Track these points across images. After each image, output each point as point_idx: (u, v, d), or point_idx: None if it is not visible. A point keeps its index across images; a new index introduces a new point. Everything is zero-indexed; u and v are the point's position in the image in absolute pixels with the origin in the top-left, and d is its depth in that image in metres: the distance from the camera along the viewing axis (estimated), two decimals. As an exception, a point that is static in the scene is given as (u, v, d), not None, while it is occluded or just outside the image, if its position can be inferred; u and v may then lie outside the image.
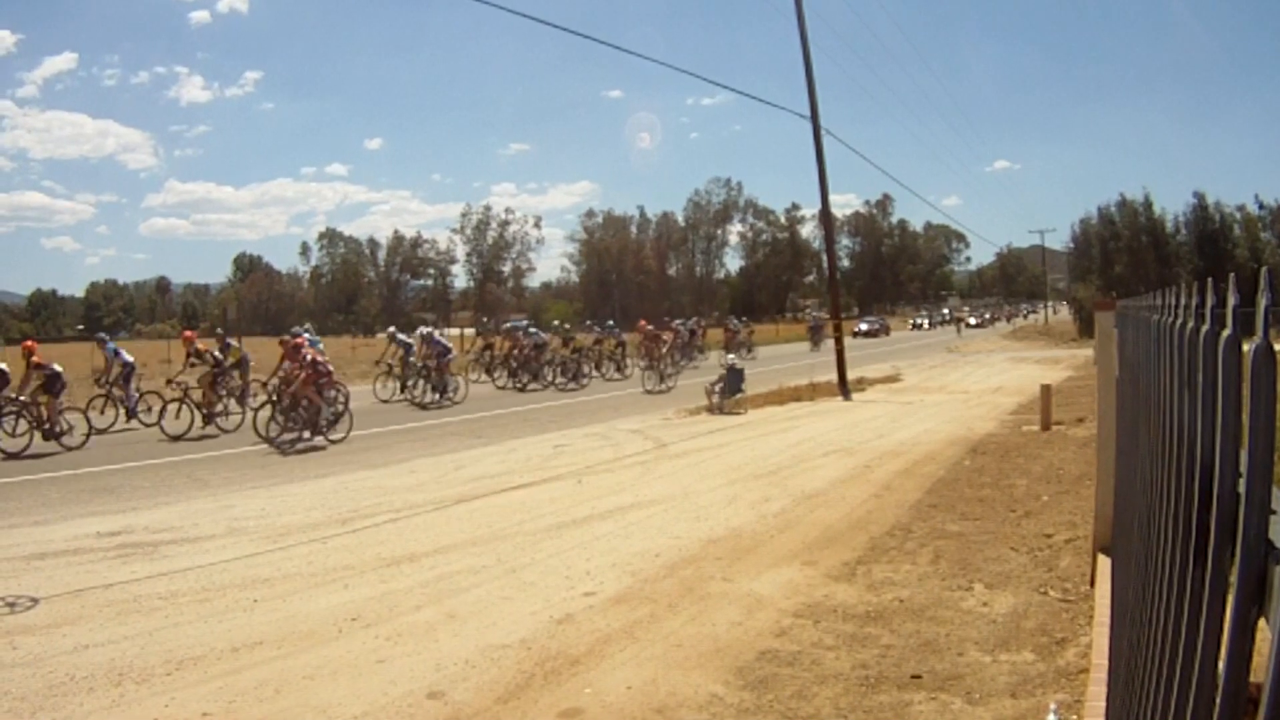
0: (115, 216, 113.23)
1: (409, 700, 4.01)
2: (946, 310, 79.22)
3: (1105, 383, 4.95)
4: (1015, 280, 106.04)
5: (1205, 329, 1.18)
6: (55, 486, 9.67)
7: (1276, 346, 0.90)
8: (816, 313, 49.75)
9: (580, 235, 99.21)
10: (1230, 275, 1.16)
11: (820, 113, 19.36)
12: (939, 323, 71.91)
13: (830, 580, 5.70)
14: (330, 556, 6.51)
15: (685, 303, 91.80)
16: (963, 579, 5.55)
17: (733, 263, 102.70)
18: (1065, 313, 61.81)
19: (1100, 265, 57.29)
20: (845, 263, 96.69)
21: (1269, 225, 58.18)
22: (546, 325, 31.00)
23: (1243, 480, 0.94)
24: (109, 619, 5.17)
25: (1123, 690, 2.20)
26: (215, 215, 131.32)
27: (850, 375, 18.81)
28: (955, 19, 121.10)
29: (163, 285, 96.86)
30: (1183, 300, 1.53)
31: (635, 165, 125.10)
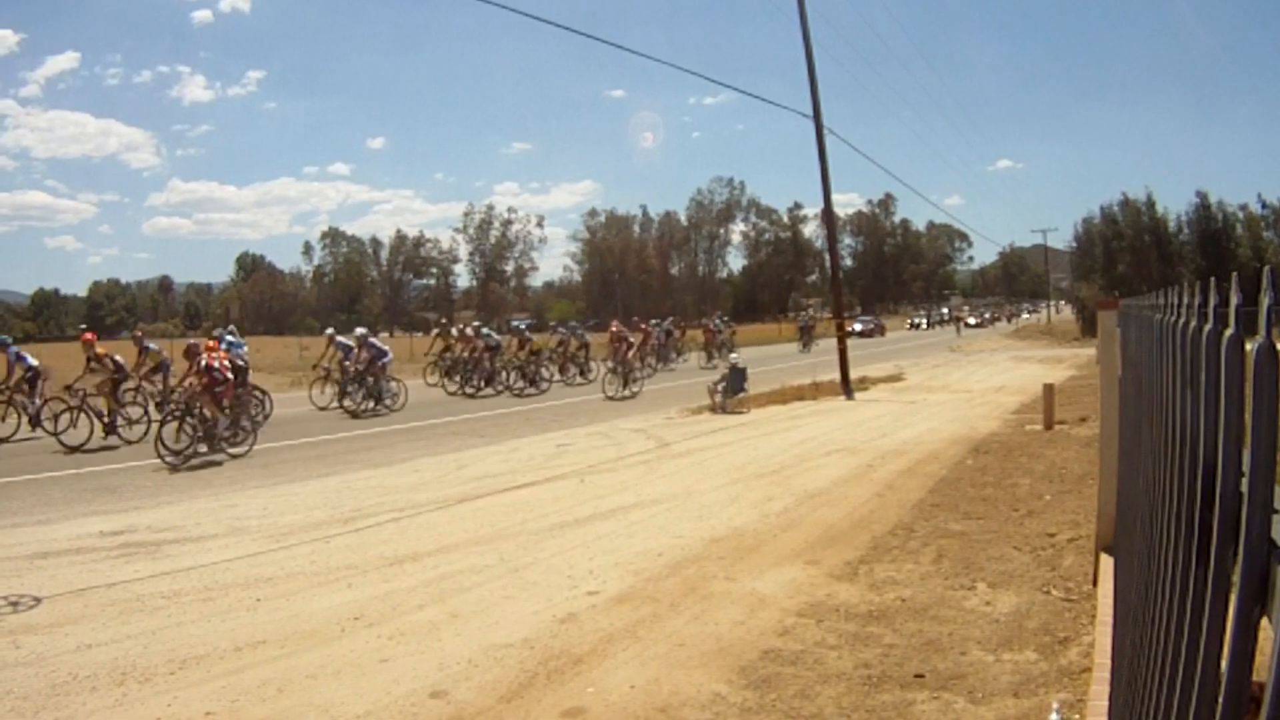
0: (118, 216, 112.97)
1: (412, 699, 4.01)
2: (946, 310, 77.95)
3: (1108, 382, 4.95)
4: (1018, 280, 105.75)
5: (1208, 328, 1.18)
6: (58, 486, 9.68)
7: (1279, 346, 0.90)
8: (807, 312, 47.76)
9: (583, 234, 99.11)
10: (1233, 274, 1.16)
11: (823, 112, 19.32)
12: (937, 322, 70.78)
13: (833, 579, 5.69)
14: (333, 556, 6.51)
15: (688, 302, 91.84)
16: (965, 578, 5.54)
17: (735, 262, 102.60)
18: (1068, 312, 61.58)
19: (1103, 264, 57.19)
20: (848, 262, 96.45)
21: (1272, 224, 58.07)
22: (547, 325, 30.10)
23: (1245, 479, 0.94)
24: (112, 618, 5.18)
25: (1125, 689, 2.20)
26: (218, 215, 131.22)
27: (853, 374, 18.80)
28: (958, 18, 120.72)
29: (165, 285, 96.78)
30: (1185, 299, 1.53)
31: (638, 164, 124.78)
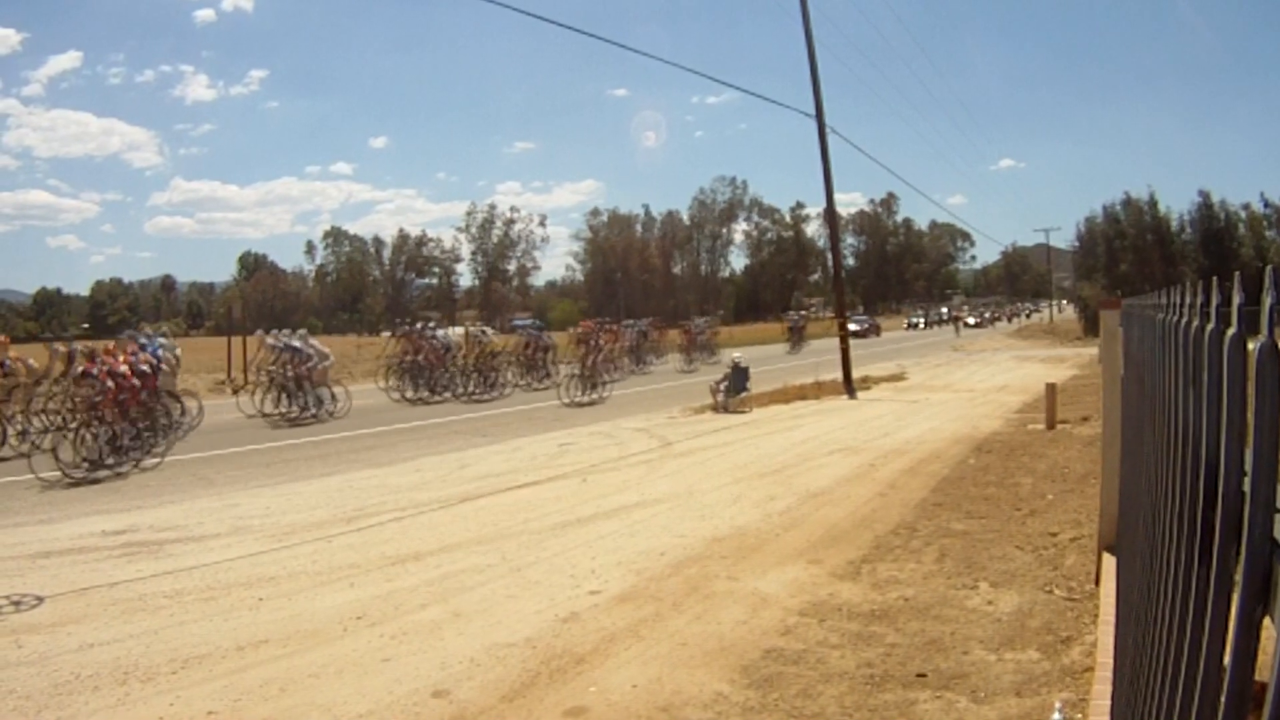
0: (120, 215, 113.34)
1: (414, 699, 4.01)
2: (945, 309, 76.45)
3: (1110, 381, 4.94)
4: (1020, 279, 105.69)
5: (1210, 327, 1.18)
6: (60, 485, 9.70)
7: None
8: (801, 311, 45.88)
9: (585, 234, 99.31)
10: (1235, 274, 1.15)
11: (825, 111, 19.33)
12: (935, 322, 69.29)
13: (835, 579, 5.69)
14: (335, 555, 6.52)
15: (690, 301, 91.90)
16: (968, 578, 5.54)
17: (738, 261, 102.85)
18: (1070, 311, 61.41)
19: (1105, 264, 57.11)
20: (850, 261, 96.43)
21: (1274, 224, 57.95)
22: (551, 324, 29.57)
23: (1248, 479, 0.94)
24: (114, 617, 5.19)
25: (1128, 689, 2.20)
26: (220, 214, 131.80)
27: (855, 374, 18.80)
28: (960, 18, 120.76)
29: (168, 284, 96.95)
30: (1188, 299, 1.53)
31: (640, 164, 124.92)
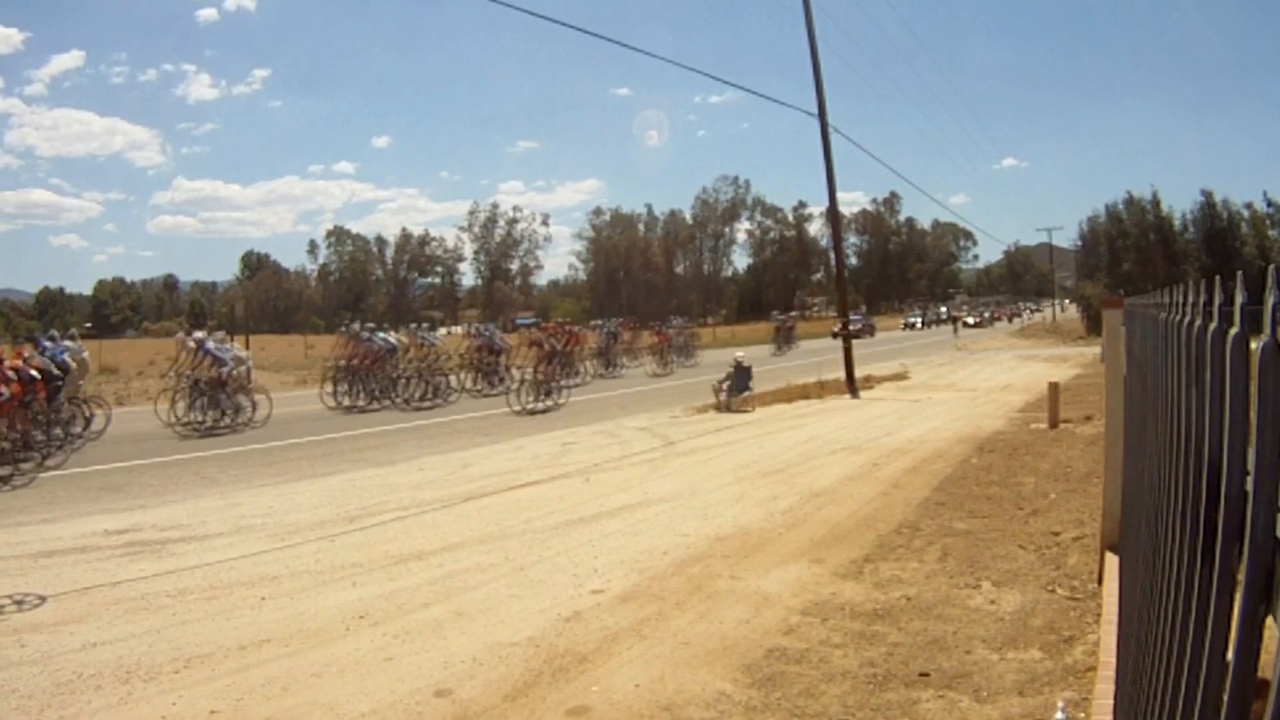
0: (123, 214, 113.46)
1: (417, 698, 4.02)
2: (944, 309, 74.35)
3: (1113, 381, 4.94)
4: (1023, 278, 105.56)
5: (1213, 327, 1.18)
6: (63, 484, 9.71)
7: None
8: (781, 313, 43.88)
9: (588, 233, 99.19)
10: (1238, 273, 1.15)
11: (828, 110, 19.32)
12: (933, 321, 67.43)
13: (838, 578, 5.69)
14: (338, 554, 6.52)
15: (693, 300, 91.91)
16: (970, 577, 5.53)
17: (740, 261, 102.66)
18: (1073, 311, 61.25)
19: (1108, 263, 57.19)
20: (853, 261, 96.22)
21: (1277, 223, 57.96)
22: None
23: (1250, 478, 0.94)
24: (117, 617, 5.19)
25: (1130, 688, 2.20)
26: (223, 213, 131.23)
27: (858, 373, 18.79)
28: (963, 17, 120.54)
29: (170, 283, 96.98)
30: (1190, 298, 1.53)
31: (643, 163, 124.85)
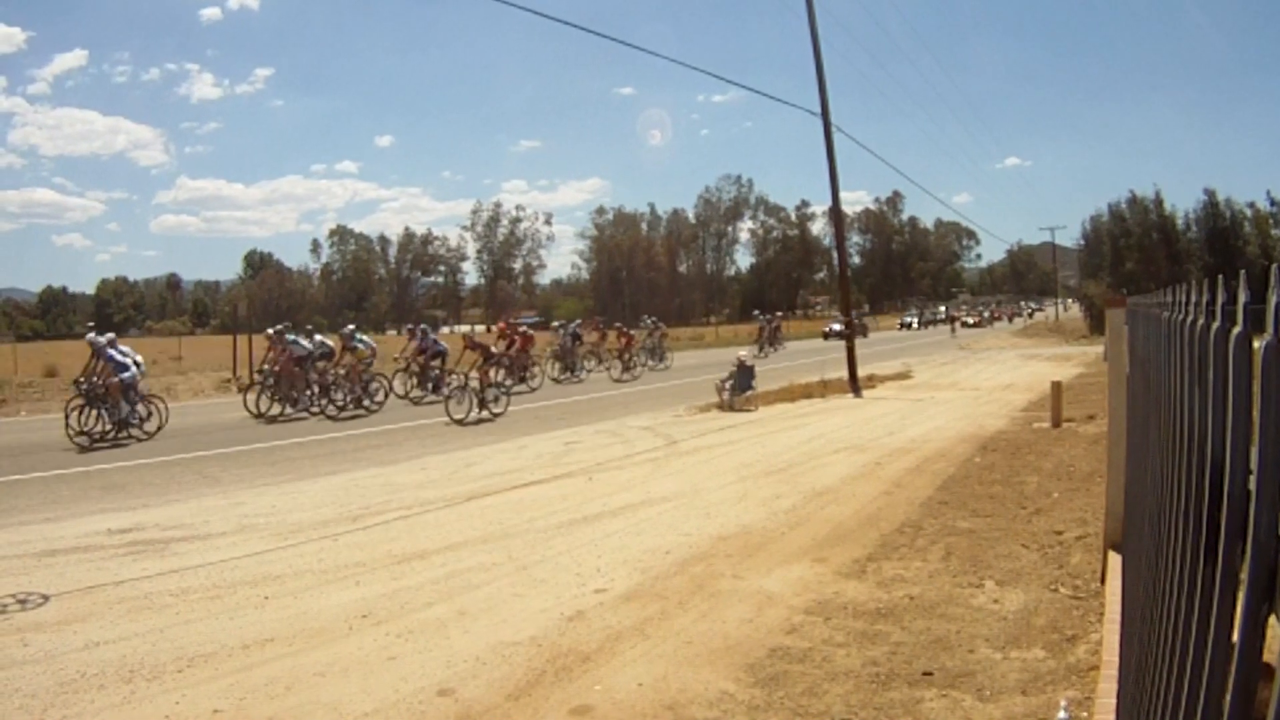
0: (126, 213, 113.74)
1: (419, 697, 4.02)
2: (943, 308, 72.73)
3: (1116, 380, 4.93)
4: (1026, 277, 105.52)
5: (1216, 326, 1.18)
6: (66, 483, 9.73)
7: None
8: (764, 315, 41.27)
9: (591, 232, 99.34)
10: (1241, 272, 1.15)
11: (831, 109, 19.33)
12: (930, 321, 65.63)
13: (841, 577, 5.69)
14: (341, 554, 6.53)
15: (696, 300, 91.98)
16: (973, 576, 5.53)
17: (743, 260, 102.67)
18: (1076, 310, 61.07)
19: (1111, 262, 57.10)
20: (856, 260, 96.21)
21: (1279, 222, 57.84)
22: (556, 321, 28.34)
23: (1253, 477, 0.94)
24: (120, 616, 5.20)
25: (1133, 687, 2.20)
26: (226, 212, 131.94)
27: (861, 372, 18.79)
28: (966, 16, 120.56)
29: (173, 282, 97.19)
30: (1193, 297, 1.53)
31: (646, 162, 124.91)
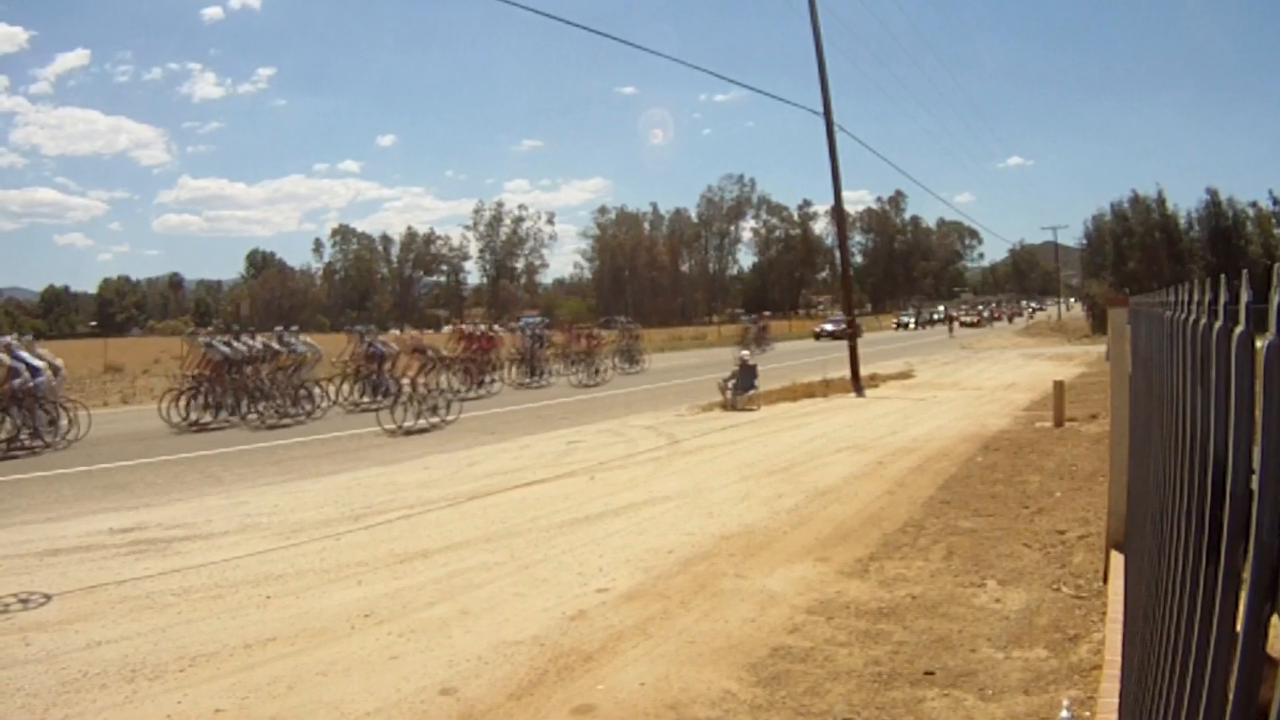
0: (128, 213, 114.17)
1: (421, 697, 4.02)
2: (942, 308, 72.24)
3: (1118, 379, 4.92)
4: (1028, 276, 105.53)
5: (1218, 325, 1.17)
6: (68, 483, 9.74)
7: None
8: (750, 315, 40.45)
9: (593, 231, 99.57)
10: (1243, 271, 1.15)
11: (833, 108, 19.33)
12: (927, 321, 65.27)
13: (843, 577, 5.68)
14: (343, 553, 6.53)
15: (699, 299, 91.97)
16: (975, 575, 5.53)
17: (745, 259, 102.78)
18: (1078, 309, 60.98)
19: (1113, 261, 57.01)
20: (858, 259, 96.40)
21: (1282, 221, 57.75)
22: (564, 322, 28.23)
23: (1256, 476, 0.93)
24: (122, 615, 5.21)
25: (1136, 686, 2.20)
26: (228, 211, 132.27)
27: (863, 372, 18.79)
28: (968, 15, 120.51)
29: (175, 281, 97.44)
30: (1196, 296, 1.52)
31: (648, 161, 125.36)
